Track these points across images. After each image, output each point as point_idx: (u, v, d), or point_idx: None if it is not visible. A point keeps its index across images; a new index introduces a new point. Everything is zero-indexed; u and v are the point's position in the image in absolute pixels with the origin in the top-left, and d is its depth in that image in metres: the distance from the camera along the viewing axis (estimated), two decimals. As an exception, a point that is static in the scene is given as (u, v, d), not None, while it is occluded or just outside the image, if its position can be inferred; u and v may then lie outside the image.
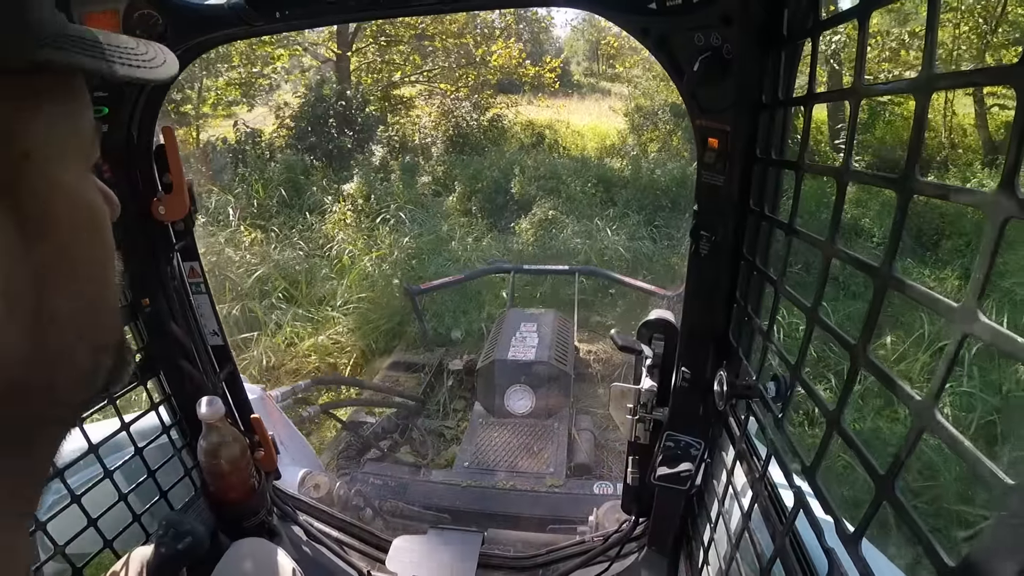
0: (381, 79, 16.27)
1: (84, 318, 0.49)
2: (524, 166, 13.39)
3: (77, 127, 0.51)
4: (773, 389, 1.11)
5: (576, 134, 17.56)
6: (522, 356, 3.94)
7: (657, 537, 1.90)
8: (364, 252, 8.99)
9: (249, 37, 1.67)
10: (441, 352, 5.41)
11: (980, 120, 11.95)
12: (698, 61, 1.13)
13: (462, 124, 15.98)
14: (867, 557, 0.80)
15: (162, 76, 0.57)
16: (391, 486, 2.95)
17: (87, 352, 0.51)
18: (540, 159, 14.36)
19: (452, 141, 15.56)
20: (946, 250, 8.58)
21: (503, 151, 15.10)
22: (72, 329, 0.48)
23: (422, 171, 13.99)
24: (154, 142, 1.61)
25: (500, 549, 2.18)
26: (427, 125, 16.17)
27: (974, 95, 11.65)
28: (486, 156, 14.48)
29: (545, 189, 12.32)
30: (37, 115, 0.45)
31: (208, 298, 1.90)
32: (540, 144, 16.41)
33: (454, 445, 4.00)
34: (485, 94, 16.45)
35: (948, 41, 11.16)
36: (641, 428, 1.77)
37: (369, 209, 10.89)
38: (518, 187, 12.39)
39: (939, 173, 11.37)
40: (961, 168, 11.11)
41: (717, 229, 1.31)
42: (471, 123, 16.07)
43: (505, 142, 16.14)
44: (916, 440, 0.68)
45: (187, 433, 1.90)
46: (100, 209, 0.53)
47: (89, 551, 1.56)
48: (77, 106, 0.51)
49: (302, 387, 3.60)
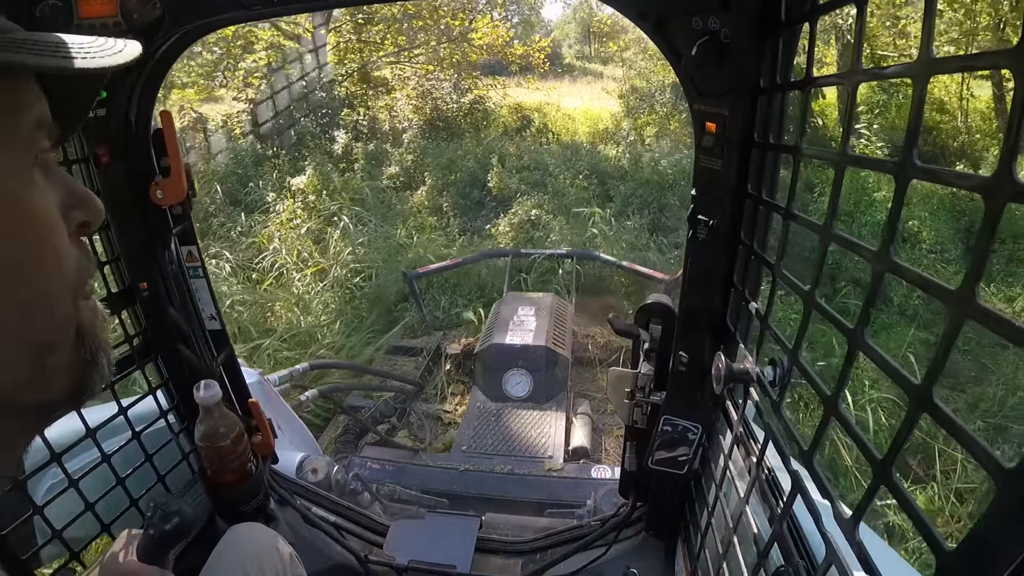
0: (359, 59, 15.12)
1: (14, 319, 0.49)
2: (506, 155, 12.32)
3: (9, 125, 0.50)
4: (771, 373, 1.11)
5: (567, 117, 16.56)
6: (520, 340, 3.95)
7: (655, 521, 1.91)
8: (297, 267, 7.87)
9: (246, 21, 1.66)
10: (439, 336, 5.41)
11: (999, 104, 11.25)
12: (696, 45, 1.12)
13: (441, 107, 14.93)
14: (864, 541, 0.80)
15: (117, 63, 0.57)
16: (389, 470, 2.96)
17: (23, 352, 0.50)
18: (525, 146, 13.36)
19: (430, 125, 14.43)
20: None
21: (483, 137, 14.10)
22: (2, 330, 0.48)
23: (390, 160, 12.79)
24: (152, 126, 1.60)
25: (498, 533, 2.19)
26: (402, 108, 15.02)
27: (991, 78, 11.05)
28: (464, 143, 13.43)
29: (529, 182, 11.13)
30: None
31: (206, 282, 1.89)
32: (527, 129, 15.40)
33: (452, 429, 4.00)
34: (468, 75, 15.44)
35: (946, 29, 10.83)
36: (639, 412, 1.77)
37: (321, 207, 9.60)
38: (497, 180, 11.18)
39: (954, 160, 11.04)
40: (979, 153, 10.89)
41: (715, 214, 1.31)
42: (451, 105, 15.02)
43: (488, 127, 15.14)
44: (913, 424, 0.68)
45: (185, 417, 1.90)
46: (38, 211, 0.53)
47: (86, 535, 1.57)
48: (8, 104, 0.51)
49: (300, 371, 3.60)
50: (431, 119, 14.55)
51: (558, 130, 15.60)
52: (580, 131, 15.60)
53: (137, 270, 1.69)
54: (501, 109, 15.97)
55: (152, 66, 1.49)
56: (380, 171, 12.21)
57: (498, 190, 11.12)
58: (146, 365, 1.79)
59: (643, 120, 14.77)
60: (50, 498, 1.45)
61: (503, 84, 16.29)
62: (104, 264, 1.66)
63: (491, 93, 15.87)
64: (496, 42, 14.85)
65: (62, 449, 1.47)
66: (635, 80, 15.88)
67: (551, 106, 17.00)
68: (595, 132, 15.27)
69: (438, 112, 14.72)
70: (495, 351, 3.90)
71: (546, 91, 17.76)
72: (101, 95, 1.45)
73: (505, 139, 14.07)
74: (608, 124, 15.48)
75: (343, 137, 13.21)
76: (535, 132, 15.20)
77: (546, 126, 15.67)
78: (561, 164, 11.73)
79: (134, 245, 1.66)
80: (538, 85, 17.40)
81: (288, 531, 2.01)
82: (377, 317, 6.87)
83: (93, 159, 1.53)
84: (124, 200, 1.59)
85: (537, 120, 15.83)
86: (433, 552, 2.05)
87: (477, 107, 15.41)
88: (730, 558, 1.32)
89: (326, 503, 2.22)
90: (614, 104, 16.47)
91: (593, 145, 13.95)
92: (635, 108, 15.12)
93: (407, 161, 12.59)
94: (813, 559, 1.07)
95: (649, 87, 15.11)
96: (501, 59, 15.94)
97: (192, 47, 2.28)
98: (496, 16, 15.98)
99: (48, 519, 1.43)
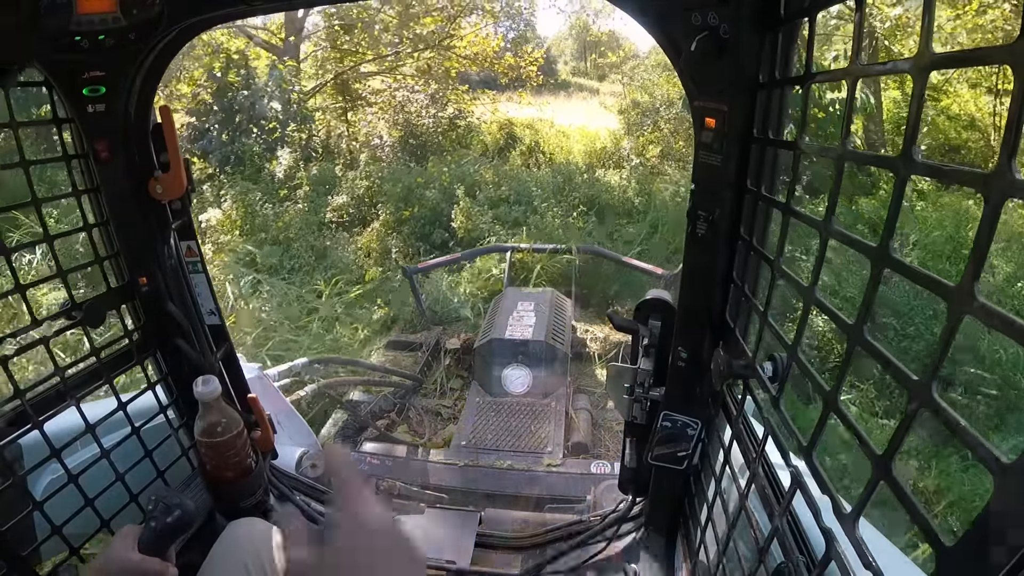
0: (334, 68, 13.28)
1: None
2: (480, 182, 10.37)
3: None
4: (770, 369, 1.11)
5: (561, 135, 15.11)
6: (519, 335, 3.95)
7: (654, 517, 1.91)
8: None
9: (246, 16, 1.66)
10: (438, 331, 5.40)
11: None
12: (695, 41, 1.12)
13: (415, 122, 13.17)
14: (864, 536, 0.80)
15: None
16: (388, 465, 2.96)
17: None
18: (507, 171, 11.44)
19: (402, 144, 12.72)
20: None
21: (459, 158, 12.10)
22: None
23: (340, 186, 10.57)
24: (151, 121, 1.60)
25: (497, 529, 2.19)
26: (373, 123, 13.22)
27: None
28: (428, 167, 11.32)
29: (506, 221, 8.98)
30: None
31: (205, 277, 1.89)
32: (512, 148, 13.81)
33: (451, 424, 4.00)
34: (449, 87, 13.69)
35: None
36: (638, 408, 1.77)
37: (235, 248, 7.74)
38: (463, 219, 8.98)
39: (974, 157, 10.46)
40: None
41: (714, 209, 1.31)
42: (425, 120, 13.25)
43: (466, 146, 13.40)
44: (912, 419, 0.68)
45: (184, 412, 1.90)
46: None
47: (86, 531, 1.57)
48: None
49: (299, 366, 3.61)
50: (403, 136, 13.07)
51: (551, 149, 14.27)
52: (575, 150, 14.25)
53: (137, 265, 1.69)
54: (486, 125, 14.61)
55: (151, 61, 1.48)
56: (321, 202, 10.33)
57: (464, 231, 8.99)
58: (145, 360, 1.79)
59: (646, 139, 13.38)
60: (50, 494, 1.45)
61: (493, 98, 14.90)
62: (104, 259, 1.66)
63: (474, 107, 14.44)
64: (485, 52, 13.69)
65: (61, 445, 1.47)
66: (636, 93, 14.37)
67: (544, 123, 15.78)
68: (592, 152, 13.88)
69: (411, 128, 13.17)
70: (494, 346, 3.90)
71: (539, 106, 16.29)
72: (100, 90, 1.45)
73: (484, 160, 12.41)
74: (607, 143, 14.06)
75: (287, 158, 11.22)
76: (524, 151, 13.88)
77: (537, 144, 14.34)
78: (551, 194, 9.85)
79: (134, 240, 1.66)
80: (531, 100, 15.84)
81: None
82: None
83: (93, 154, 1.53)
84: (124, 195, 1.59)
85: (528, 138, 14.57)
86: (433, 548, 2.06)
87: (458, 122, 14.01)
88: (730, 554, 1.32)
89: (326, 499, 2.22)
90: (613, 121, 15.04)
91: (591, 168, 12.18)
92: (636, 125, 13.66)
93: (359, 189, 10.56)
94: (813, 555, 1.08)
95: (652, 101, 13.52)
96: (491, 71, 14.59)
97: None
98: (486, 24, 14.57)
99: (48, 515, 1.43)
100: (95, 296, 1.62)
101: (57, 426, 1.48)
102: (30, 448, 1.46)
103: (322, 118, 12.99)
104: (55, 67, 1.42)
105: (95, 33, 1.36)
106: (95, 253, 1.65)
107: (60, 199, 1.69)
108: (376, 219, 9.46)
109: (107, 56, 1.40)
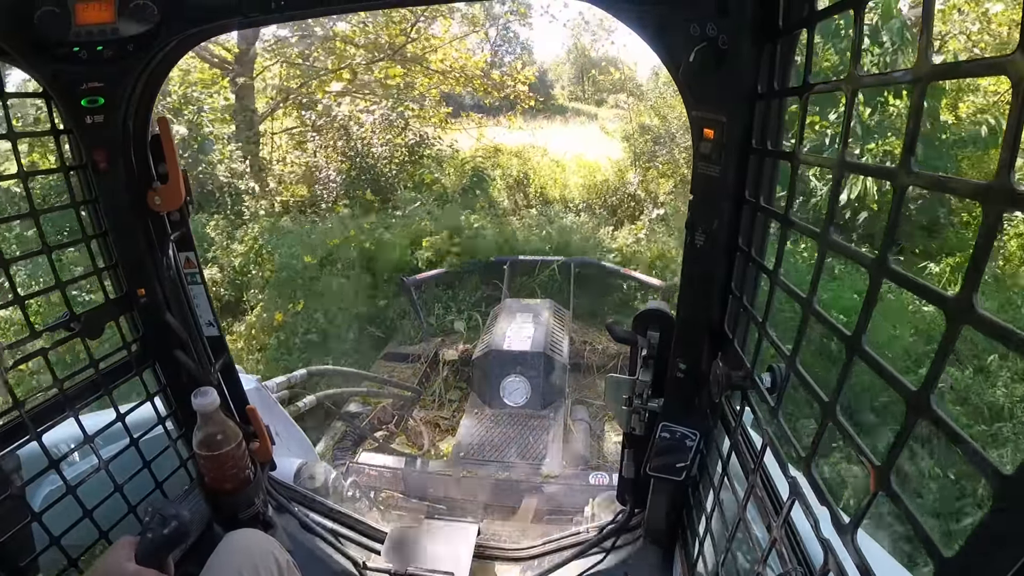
0: (290, 86, 11.15)
1: None
2: (434, 245, 7.60)
3: None
4: (768, 380, 1.11)
5: (555, 166, 12.59)
6: (518, 347, 3.94)
7: (652, 528, 1.91)
8: None
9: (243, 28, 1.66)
10: (437, 342, 5.40)
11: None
12: (694, 51, 1.13)
13: (362, 150, 10.71)
14: (863, 547, 0.80)
15: None
16: (387, 477, 2.96)
17: None
18: (472, 221, 8.51)
19: (348, 180, 10.25)
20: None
21: (410, 200, 9.38)
22: None
23: (212, 248, 7.90)
24: (149, 132, 1.60)
25: (496, 540, 2.18)
26: (305, 152, 10.79)
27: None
28: (345, 225, 8.51)
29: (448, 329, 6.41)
30: None
31: (204, 289, 1.89)
32: (481, 186, 11.07)
33: (450, 436, 4.00)
34: (400, 102, 11.04)
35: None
36: (637, 419, 1.77)
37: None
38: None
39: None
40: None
41: (713, 220, 1.31)
42: (377, 149, 10.74)
43: (426, 186, 10.42)
44: (911, 430, 0.68)
45: (182, 424, 1.90)
46: None
47: (84, 542, 1.56)
48: None
49: (298, 378, 3.60)
50: (348, 168, 10.71)
51: (542, 183, 11.78)
52: (571, 183, 11.79)
53: (135, 276, 1.69)
54: (461, 155, 12.11)
55: (150, 72, 1.49)
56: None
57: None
58: (144, 371, 1.78)
59: (657, 171, 10.90)
60: (48, 505, 1.45)
61: (479, 122, 12.78)
62: (102, 270, 1.66)
63: (454, 133, 12.23)
64: (466, 67, 11.52)
65: (60, 456, 1.47)
66: (645, 116, 12.01)
67: (536, 150, 13.31)
68: (591, 186, 11.41)
69: (353, 160, 10.75)
70: (493, 357, 3.90)
71: (532, 130, 14.10)
72: (98, 101, 1.45)
73: (449, 203, 9.65)
74: (608, 174, 11.52)
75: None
76: (512, 185, 11.52)
77: (527, 177, 11.84)
78: (527, 276, 7.25)
79: (132, 251, 1.66)
80: (522, 124, 13.37)
81: (286, 538, 2.00)
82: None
83: (91, 165, 1.53)
84: (122, 206, 1.59)
85: (516, 169, 12.06)
86: (431, 559, 2.05)
87: (421, 150, 11.29)
88: (728, 565, 1.32)
89: (324, 510, 2.22)
90: (615, 149, 12.69)
91: (594, 227, 9.42)
92: (645, 154, 11.21)
93: (234, 257, 7.77)
94: (811, 566, 1.07)
95: (665, 125, 11.14)
96: (476, 93, 12.19)
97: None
98: (466, 35, 12.63)
99: (46, 526, 1.43)
100: (93, 307, 1.62)
101: (56, 437, 1.47)
102: (29, 459, 1.45)
103: (224, 150, 10.24)
104: (53, 78, 1.42)
105: (93, 44, 1.36)
106: (93, 264, 1.65)
107: (59, 210, 1.69)
108: (249, 312, 6.82)
109: (105, 67, 1.40)
